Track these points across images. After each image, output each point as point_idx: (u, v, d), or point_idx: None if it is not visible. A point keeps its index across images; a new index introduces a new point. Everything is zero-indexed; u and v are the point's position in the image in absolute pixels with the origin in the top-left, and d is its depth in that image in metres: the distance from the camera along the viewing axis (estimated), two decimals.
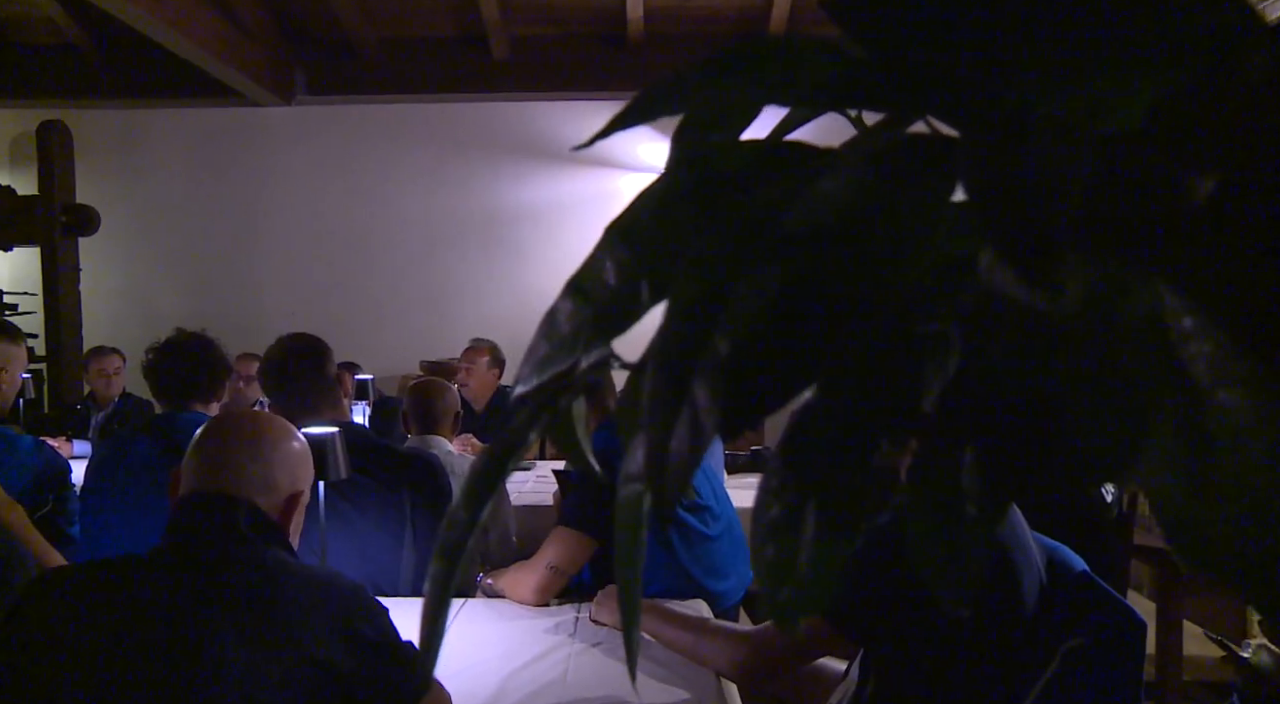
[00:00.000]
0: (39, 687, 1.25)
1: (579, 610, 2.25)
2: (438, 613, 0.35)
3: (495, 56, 6.31)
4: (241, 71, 5.78)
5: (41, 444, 2.84)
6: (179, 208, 6.83)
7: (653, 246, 0.35)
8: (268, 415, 1.58)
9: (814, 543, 0.31)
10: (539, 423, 0.36)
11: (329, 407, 2.53)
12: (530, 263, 6.65)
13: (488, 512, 0.35)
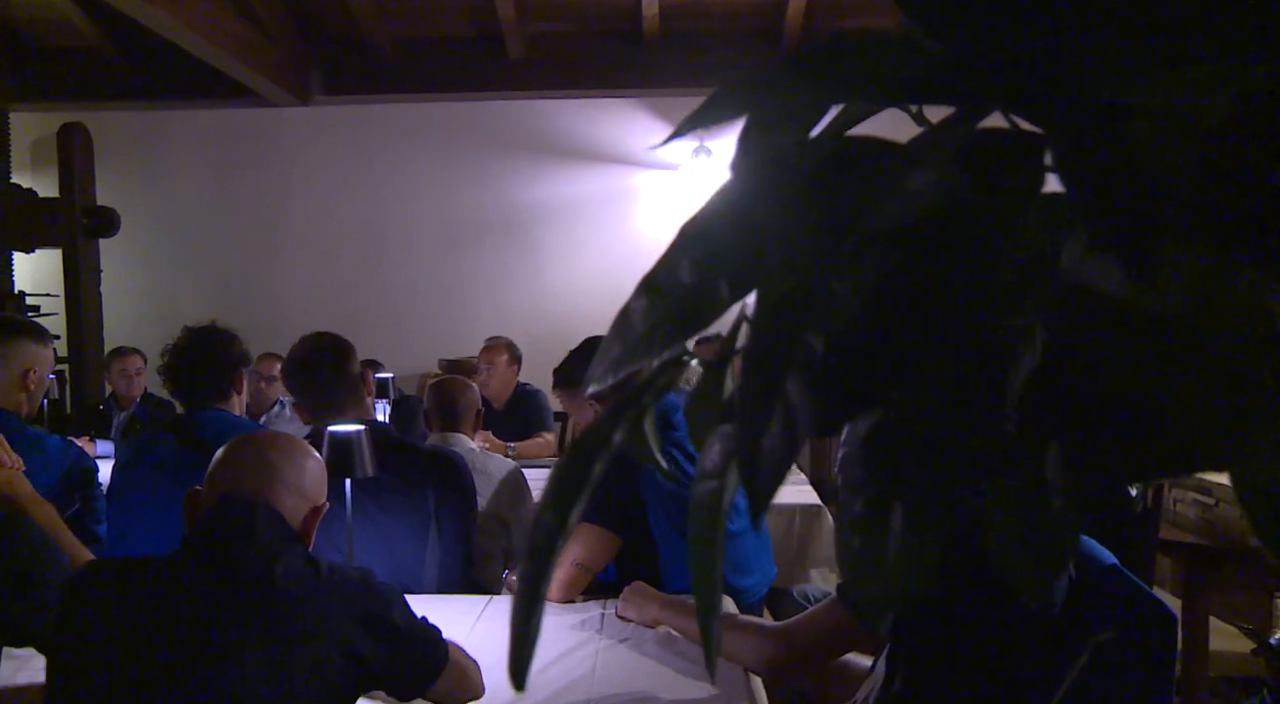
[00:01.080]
0: (87, 676, 1.30)
1: (605, 607, 2.26)
2: (529, 615, 0.35)
3: (511, 55, 6.31)
4: (259, 72, 5.80)
5: (69, 443, 2.86)
6: (198, 208, 6.87)
7: (731, 245, 0.36)
8: (288, 435, 1.61)
9: (902, 538, 0.32)
10: (622, 422, 0.37)
11: (353, 405, 2.54)
12: (547, 261, 6.66)
13: (576, 515, 0.35)
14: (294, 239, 6.81)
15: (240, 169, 6.82)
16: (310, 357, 2.56)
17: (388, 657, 1.41)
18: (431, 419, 3.25)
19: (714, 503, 0.38)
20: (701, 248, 0.37)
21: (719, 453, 0.38)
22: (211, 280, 6.81)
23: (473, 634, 2.04)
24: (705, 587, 0.39)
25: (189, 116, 6.77)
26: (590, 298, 6.50)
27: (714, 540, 0.38)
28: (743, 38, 6.29)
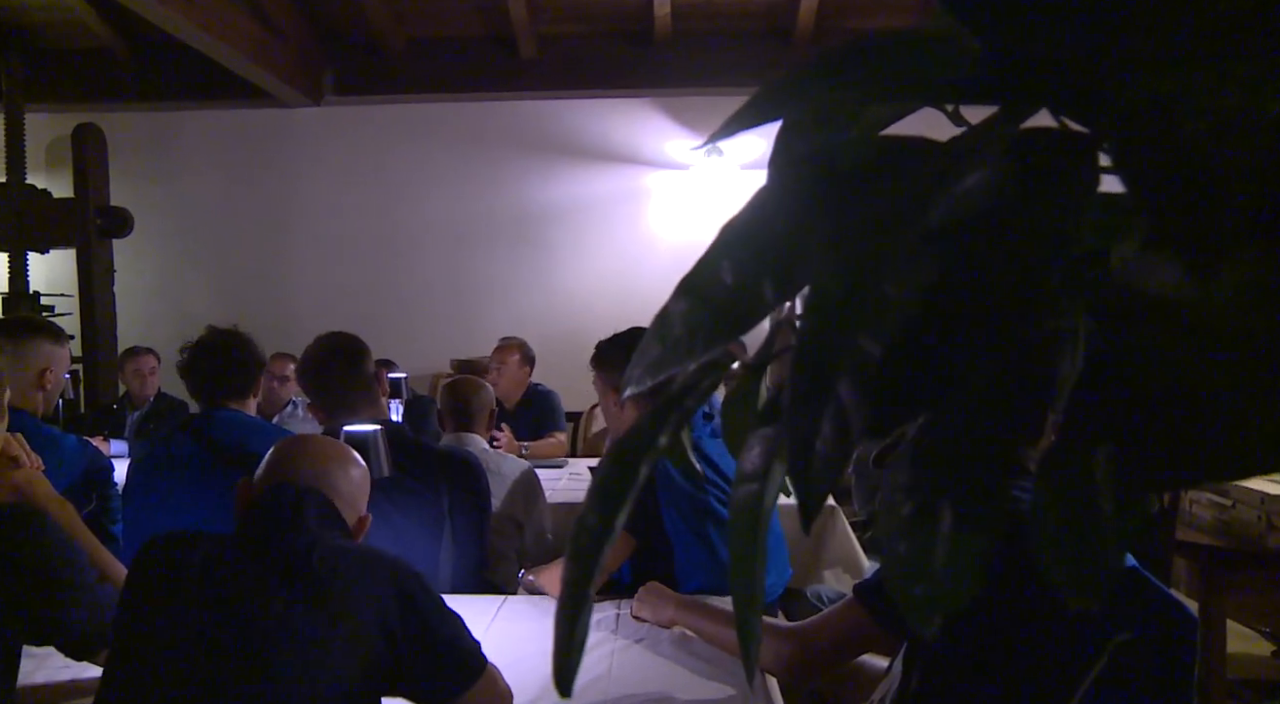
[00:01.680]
0: (142, 641, 1.40)
1: (619, 607, 2.26)
2: (575, 620, 0.35)
3: (523, 55, 6.32)
4: (272, 73, 5.81)
5: (85, 443, 2.87)
6: (210, 209, 6.89)
7: (775, 246, 0.36)
8: (340, 442, 1.77)
9: (950, 539, 0.32)
10: (667, 424, 0.37)
11: (367, 405, 2.55)
12: (559, 261, 6.66)
13: (622, 518, 0.35)
14: (306, 239, 6.83)
15: (252, 169, 6.84)
16: (325, 356, 2.57)
17: (424, 638, 1.45)
18: (445, 419, 3.25)
19: (755, 505, 0.38)
20: (743, 249, 0.37)
21: (759, 455, 0.38)
22: (224, 280, 6.83)
23: (489, 634, 2.05)
24: (746, 588, 0.39)
25: (201, 117, 6.79)
26: (602, 298, 6.50)
27: (755, 543, 0.38)
28: (754, 38, 6.28)
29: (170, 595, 1.43)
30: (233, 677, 1.36)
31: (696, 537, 2.39)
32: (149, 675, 1.39)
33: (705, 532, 2.39)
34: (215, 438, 2.65)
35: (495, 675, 1.61)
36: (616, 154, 6.57)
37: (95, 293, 5.96)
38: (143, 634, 1.43)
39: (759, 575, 0.38)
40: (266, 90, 6.13)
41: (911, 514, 0.32)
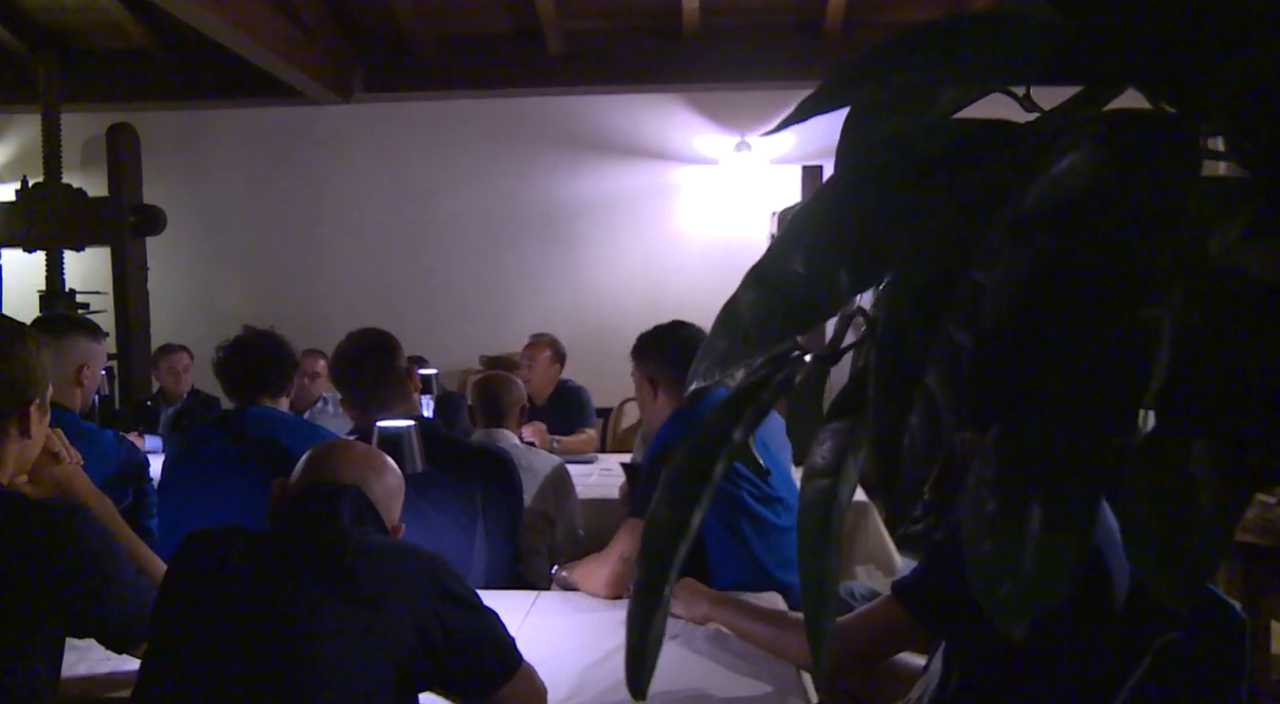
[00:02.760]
0: (182, 640, 1.42)
1: None
2: (649, 621, 0.34)
3: (551, 51, 6.31)
4: (302, 71, 5.84)
5: (122, 438, 2.90)
6: (241, 206, 6.94)
7: (851, 234, 0.35)
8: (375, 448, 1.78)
9: (1041, 537, 0.30)
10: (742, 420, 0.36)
11: (399, 400, 2.55)
12: (587, 257, 6.66)
13: (697, 517, 0.34)
14: (336, 236, 6.86)
15: (283, 167, 6.88)
16: (358, 353, 2.58)
17: (460, 634, 1.46)
18: (476, 415, 3.26)
19: (826, 501, 0.37)
20: (816, 238, 0.36)
21: (831, 450, 0.37)
22: (254, 277, 6.88)
23: (522, 630, 2.04)
24: (817, 586, 0.37)
25: (233, 115, 6.84)
26: (631, 293, 6.50)
27: (827, 539, 0.37)
28: (784, 32, 6.25)
29: (208, 591, 1.45)
30: (270, 672, 1.36)
31: (730, 532, 2.38)
32: (186, 670, 1.40)
33: (739, 527, 2.37)
34: (249, 434, 2.66)
35: (530, 672, 1.61)
36: (645, 149, 6.56)
37: (129, 290, 6.01)
38: (180, 629, 1.44)
39: (831, 573, 0.37)
40: (297, 88, 6.16)
41: (998, 512, 0.31)
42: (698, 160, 6.51)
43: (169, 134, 6.73)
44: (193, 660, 1.40)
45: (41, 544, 1.50)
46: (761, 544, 2.40)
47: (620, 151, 6.59)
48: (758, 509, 2.42)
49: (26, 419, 1.62)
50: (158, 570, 1.96)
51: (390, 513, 1.65)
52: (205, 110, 6.81)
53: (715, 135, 6.49)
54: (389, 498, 1.66)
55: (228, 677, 1.37)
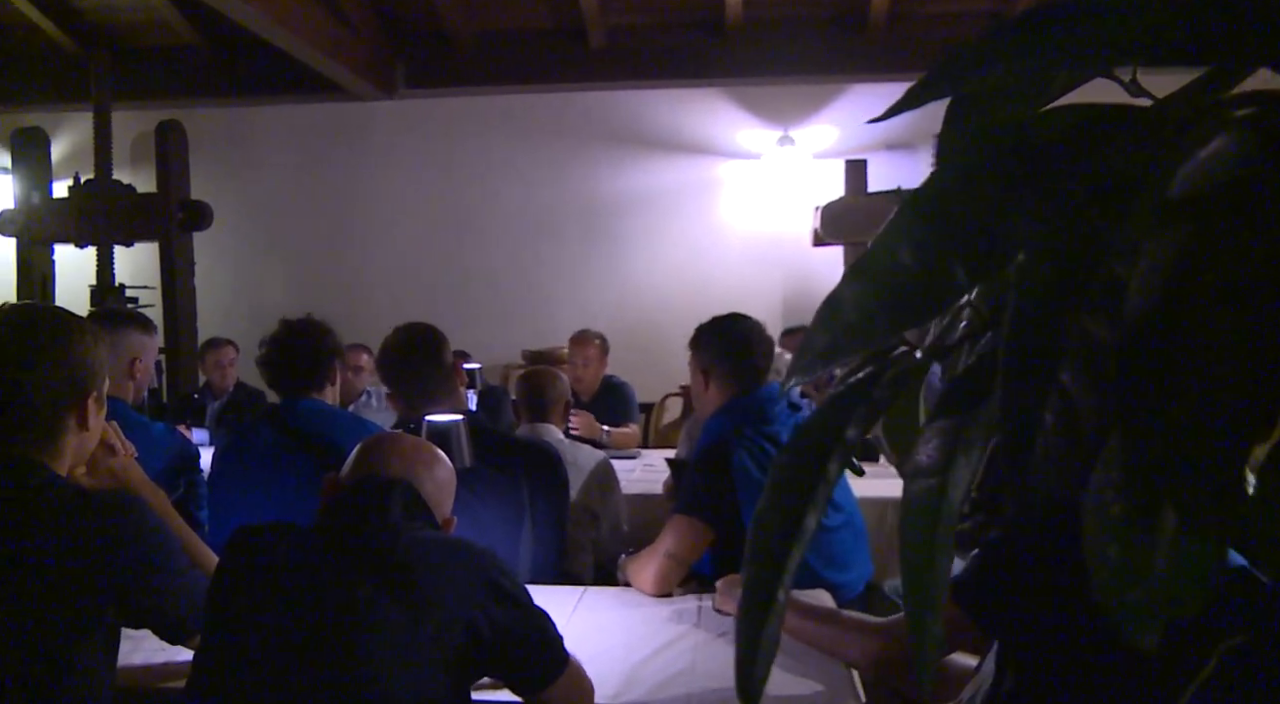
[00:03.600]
0: (231, 630, 1.43)
1: (701, 600, 2.24)
2: (761, 625, 0.33)
3: (593, 46, 6.31)
4: (346, 67, 5.89)
5: (173, 430, 2.93)
6: (286, 202, 7.01)
7: (966, 224, 0.33)
8: (426, 441, 1.77)
9: (1175, 542, 0.29)
10: (855, 418, 0.34)
11: (446, 395, 2.56)
12: (629, 252, 6.65)
13: (812, 518, 0.33)
14: (379, 231, 6.91)
15: (326, 162, 6.93)
16: (405, 347, 2.58)
17: (509, 630, 1.46)
18: (520, 410, 3.26)
19: (932, 502, 0.36)
20: (926, 229, 0.35)
21: (937, 449, 0.36)
22: (299, 272, 6.94)
23: (569, 626, 2.04)
24: (922, 588, 0.36)
25: (278, 112, 6.90)
26: (673, 288, 6.48)
27: (933, 541, 0.35)
28: (827, 25, 6.20)
29: (259, 585, 1.45)
30: (321, 667, 1.37)
31: None
32: (238, 664, 1.41)
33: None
34: (297, 427, 2.68)
35: (578, 670, 1.60)
36: (687, 144, 6.54)
37: (177, 285, 6.08)
38: (232, 624, 1.45)
39: (939, 577, 0.35)
40: (340, 84, 6.21)
41: (1126, 515, 0.30)
42: (740, 155, 6.48)
43: (216, 131, 6.81)
44: (245, 655, 1.41)
45: (100, 535, 1.52)
46: (895, 546, 2.37)
47: (662, 146, 6.58)
48: None
49: (85, 411, 1.64)
50: (210, 562, 1.97)
51: (441, 507, 1.65)
52: (251, 107, 6.88)
53: (758, 129, 6.45)
54: (440, 492, 1.65)
55: (280, 672, 1.37)
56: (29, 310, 1.69)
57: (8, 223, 6.27)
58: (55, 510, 1.52)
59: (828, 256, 6.15)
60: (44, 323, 1.63)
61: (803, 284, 6.45)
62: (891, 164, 6.20)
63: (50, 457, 1.60)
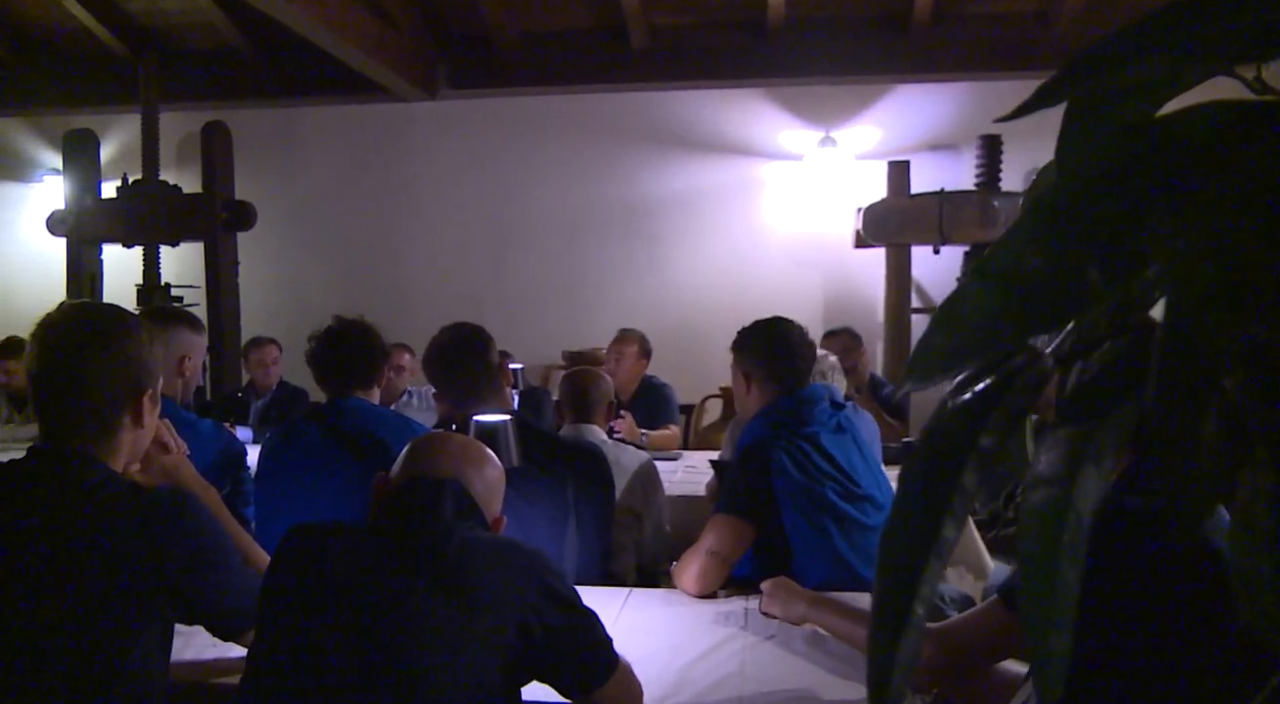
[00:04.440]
0: (284, 629, 1.44)
1: (747, 602, 2.23)
2: (896, 636, 0.32)
3: (634, 46, 6.30)
4: (389, 68, 5.93)
5: (221, 428, 2.96)
6: (328, 202, 7.07)
7: (1099, 226, 0.32)
8: (476, 440, 1.77)
9: None
10: (989, 425, 0.33)
11: (492, 394, 2.56)
12: (671, 253, 6.64)
13: (950, 529, 0.32)
14: (420, 231, 6.95)
15: (369, 163, 6.98)
16: (451, 346, 2.59)
17: (560, 632, 1.45)
18: (564, 410, 3.26)
19: (1055, 512, 0.34)
20: (1056, 230, 0.33)
21: (1061, 457, 0.34)
22: (341, 272, 7.00)
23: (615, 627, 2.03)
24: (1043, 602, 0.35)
25: (321, 113, 6.97)
26: (715, 290, 6.46)
27: (1056, 552, 0.34)
28: (871, 25, 6.15)
29: (313, 584, 1.46)
30: (375, 668, 1.37)
31: (814, 530, 2.35)
32: (292, 665, 1.42)
33: (823, 525, 2.34)
34: (343, 426, 2.69)
35: (628, 672, 1.60)
36: (729, 145, 6.51)
37: (221, 284, 6.16)
38: (285, 623, 1.46)
39: (1065, 590, 0.34)
40: (383, 85, 6.25)
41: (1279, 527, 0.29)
42: (782, 156, 6.45)
43: (260, 132, 6.88)
44: (298, 655, 1.41)
45: (155, 531, 1.53)
46: (846, 541, 2.36)
47: (704, 147, 6.56)
48: (844, 507, 2.39)
49: (140, 408, 1.65)
50: (259, 559, 1.99)
51: (491, 507, 1.65)
52: (295, 108, 6.95)
53: (799, 130, 6.42)
54: (489, 492, 1.65)
55: (334, 672, 1.38)
56: (88, 308, 1.71)
57: (58, 223, 6.38)
58: (112, 506, 1.53)
59: (869, 258, 6.10)
60: (102, 321, 1.65)
61: (844, 286, 6.41)
62: (935, 165, 6.15)
63: (107, 453, 1.62)
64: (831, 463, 2.41)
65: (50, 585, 1.47)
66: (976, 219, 5.55)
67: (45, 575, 1.47)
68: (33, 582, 1.47)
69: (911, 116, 6.34)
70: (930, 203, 5.59)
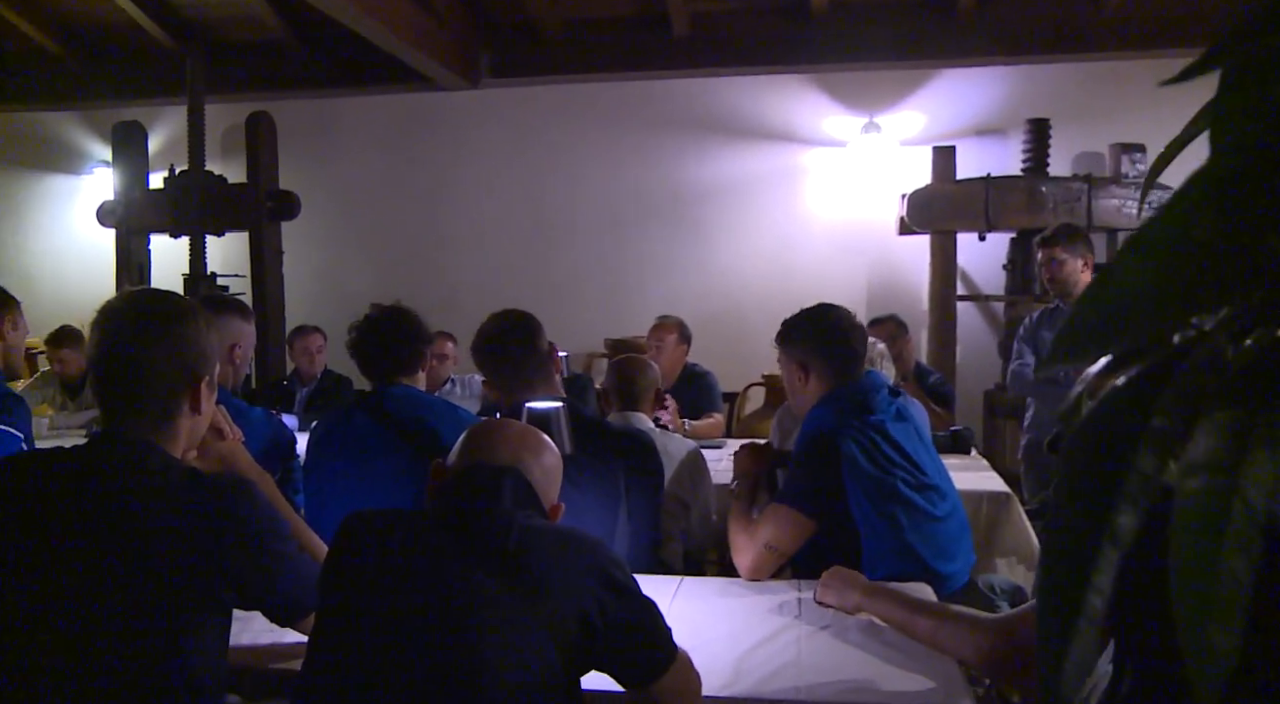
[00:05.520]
0: (348, 621, 1.44)
1: (800, 590, 2.20)
2: (1069, 635, 0.30)
3: (676, 33, 6.27)
4: (431, 57, 5.94)
5: (271, 415, 2.98)
6: (371, 191, 7.11)
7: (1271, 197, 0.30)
8: (533, 427, 1.75)
9: None
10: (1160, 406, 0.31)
11: (543, 382, 2.55)
12: (713, 240, 6.61)
13: (1127, 517, 0.30)
14: (462, 220, 6.97)
15: (410, 152, 7.01)
16: (502, 334, 2.58)
17: (621, 620, 1.44)
18: (610, 398, 3.25)
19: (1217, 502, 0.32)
20: (1226, 197, 0.31)
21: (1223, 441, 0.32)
22: (384, 261, 7.04)
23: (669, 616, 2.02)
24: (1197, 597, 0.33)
25: (363, 103, 7.00)
26: (759, 277, 6.43)
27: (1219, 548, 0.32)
28: (915, 10, 6.07)
29: (373, 571, 1.46)
30: (435, 653, 1.37)
31: (883, 519, 2.31)
32: (353, 649, 1.42)
33: (893, 515, 2.31)
34: (392, 414, 2.69)
35: (687, 662, 1.58)
36: (772, 132, 6.46)
37: (266, 273, 6.22)
38: (346, 608, 1.46)
39: (1223, 583, 0.32)
40: (426, 75, 6.27)
41: None
42: (825, 142, 6.39)
43: (303, 122, 6.93)
44: (361, 643, 1.41)
45: (215, 517, 1.54)
46: (916, 533, 2.32)
47: (746, 134, 6.51)
48: (912, 497, 2.35)
49: (198, 395, 1.66)
50: (315, 545, 2.00)
51: (549, 494, 1.64)
52: (337, 98, 6.99)
53: (843, 116, 6.36)
54: (548, 479, 1.64)
55: (395, 657, 1.38)
56: (148, 295, 1.72)
57: (108, 214, 6.47)
58: (173, 492, 1.54)
59: (913, 245, 6.04)
60: (161, 308, 1.66)
61: (888, 273, 6.35)
62: (980, 150, 6.07)
63: (166, 439, 1.62)
64: (900, 452, 2.38)
65: (112, 571, 1.48)
66: (1024, 204, 5.47)
67: (107, 561, 1.48)
68: (94, 567, 1.48)
69: (957, 101, 6.26)
70: (976, 188, 5.51)
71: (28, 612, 1.49)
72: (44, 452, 1.65)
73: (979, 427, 5.63)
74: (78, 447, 1.63)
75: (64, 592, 1.48)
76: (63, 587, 1.48)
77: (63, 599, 1.48)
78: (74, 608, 1.48)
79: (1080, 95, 6.07)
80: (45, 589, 1.49)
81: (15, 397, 2.77)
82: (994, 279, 6.01)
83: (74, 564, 1.49)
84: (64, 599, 1.48)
